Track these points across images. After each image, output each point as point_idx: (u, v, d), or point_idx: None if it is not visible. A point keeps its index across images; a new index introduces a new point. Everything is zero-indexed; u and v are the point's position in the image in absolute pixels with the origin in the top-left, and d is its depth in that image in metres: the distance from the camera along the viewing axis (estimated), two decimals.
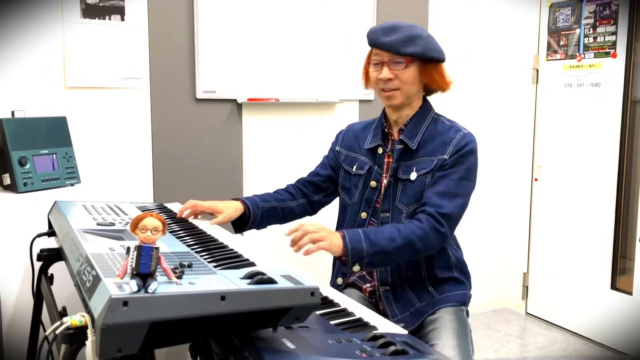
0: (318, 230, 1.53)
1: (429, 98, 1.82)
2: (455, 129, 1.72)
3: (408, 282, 1.75)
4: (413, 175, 1.70)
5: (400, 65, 1.67)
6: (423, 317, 1.71)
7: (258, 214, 1.84)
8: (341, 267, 1.87)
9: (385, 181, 1.77)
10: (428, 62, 1.70)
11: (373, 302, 1.80)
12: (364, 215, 1.79)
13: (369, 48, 1.77)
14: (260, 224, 1.87)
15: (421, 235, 1.60)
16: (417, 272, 1.75)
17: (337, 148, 1.92)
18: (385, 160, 1.78)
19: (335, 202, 1.99)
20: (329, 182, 1.94)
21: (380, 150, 1.78)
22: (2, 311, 1.87)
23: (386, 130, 1.80)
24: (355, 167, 1.84)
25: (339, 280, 1.85)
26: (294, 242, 1.53)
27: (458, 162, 1.67)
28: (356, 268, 1.59)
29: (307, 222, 1.58)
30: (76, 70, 2.37)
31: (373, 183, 1.78)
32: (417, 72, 1.69)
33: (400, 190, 1.73)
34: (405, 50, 1.65)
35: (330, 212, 2.04)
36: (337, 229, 1.89)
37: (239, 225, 1.86)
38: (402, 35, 1.65)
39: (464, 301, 1.78)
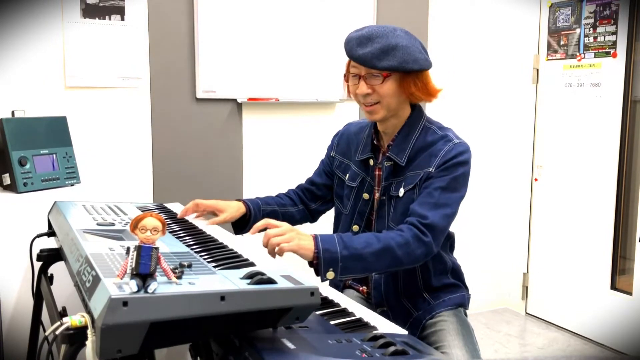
0: (283, 233, 1.43)
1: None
2: (446, 140, 1.61)
3: (405, 294, 1.70)
4: (401, 192, 1.62)
5: (377, 80, 1.55)
6: (422, 324, 1.69)
7: (259, 217, 1.80)
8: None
9: (377, 195, 1.70)
10: (408, 74, 1.56)
11: (371, 302, 1.78)
12: (355, 228, 1.74)
13: None
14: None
15: (401, 242, 1.48)
16: (414, 282, 1.69)
17: (332, 154, 1.87)
18: (377, 173, 1.71)
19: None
20: (326, 189, 1.89)
21: (371, 162, 1.71)
22: (2, 311, 1.87)
23: (375, 142, 1.72)
24: (347, 176, 1.78)
25: None
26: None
27: (442, 173, 1.57)
28: (330, 275, 1.44)
29: (273, 222, 1.48)
30: (76, 70, 2.37)
31: (366, 195, 1.72)
32: (396, 84, 1.56)
33: (392, 208, 1.66)
34: (380, 65, 1.52)
35: (326, 221, 2.04)
36: None
37: (239, 226, 1.85)
38: (377, 47, 1.52)
39: (463, 303, 1.74)
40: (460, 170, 1.58)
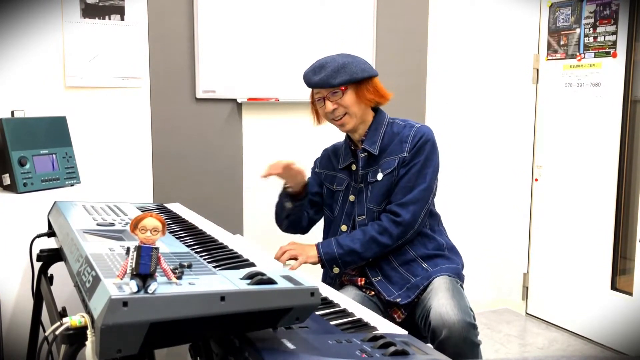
0: (293, 248, 1.84)
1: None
2: (409, 126, 1.89)
3: (400, 264, 1.86)
4: (379, 176, 1.87)
5: (337, 95, 1.83)
6: (419, 290, 1.79)
7: (308, 197, 2.01)
8: (327, 276, 1.98)
9: (358, 189, 1.92)
10: (361, 83, 1.85)
11: (371, 295, 1.87)
12: (344, 227, 1.93)
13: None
14: (302, 210, 2.01)
15: (380, 230, 1.81)
16: (404, 254, 1.87)
17: (317, 170, 2.08)
18: (358, 174, 1.91)
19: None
20: (319, 196, 2.06)
21: (354, 167, 1.93)
22: (2, 311, 1.87)
23: (352, 148, 1.95)
24: (335, 184, 1.98)
25: None
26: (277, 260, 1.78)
27: (416, 155, 1.85)
28: (335, 270, 1.84)
29: (283, 245, 1.86)
30: (76, 70, 2.37)
31: (352, 197, 1.92)
32: (354, 94, 1.84)
33: (370, 192, 1.88)
34: (336, 82, 1.81)
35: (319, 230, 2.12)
36: None
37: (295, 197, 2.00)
38: (329, 69, 1.81)
39: (458, 274, 1.87)
40: (428, 148, 1.86)
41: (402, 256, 1.86)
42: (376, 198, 1.87)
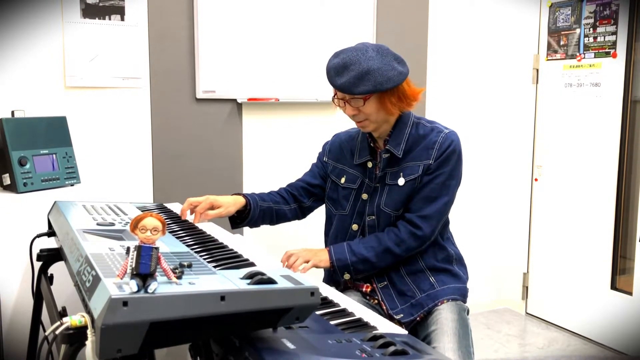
0: (303, 255, 1.73)
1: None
2: (437, 131, 1.77)
3: (407, 273, 1.80)
4: (401, 181, 1.76)
5: (359, 102, 1.69)
6: (423, 310, 1.73)
7: (257, 211, 1.89)
8: (333, 276, 1.91)
9: (372, 187, 1.82)
10: (385, 92, 1.69)
11: (375, 303, 1.82)
12: (355, 227, 1.85)
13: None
14: (255, 222, 1.92)
15: (397, 241, 1.74)
16: (414, 263, 1.80)
17: (325, 159, 1.97)
18: (376, 173, 1.82)
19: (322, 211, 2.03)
20: (320, 189, 1.98)
21: (370, 165, 1.83)
22: (2, 311, 1.87)
23: (372, 145, 1.84)
24: (344, 179, 1.88)
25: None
26: (288, 267, 1.67)
27: (442, 164, 1.74)
28: (347, 276, 1.78)
29: (291, 249, 1.75)
30: (76, 70, 2.37)
31: (365, 196, 1.83)
32: (377, 102, 1.70)
33: (386, 194, 1.78)
34: (357, 91, 1.65)
35: (319, 221, 2.08)
36: (325, 238, 1.97)
37: (235, 220, 1.89)
38: (352, 75, 1.64)
39: (464, 295, 1.81)
40: (455, 159, 1.76)
41: (410, 265, 1.80)
42: (395, 203, 1.77)
